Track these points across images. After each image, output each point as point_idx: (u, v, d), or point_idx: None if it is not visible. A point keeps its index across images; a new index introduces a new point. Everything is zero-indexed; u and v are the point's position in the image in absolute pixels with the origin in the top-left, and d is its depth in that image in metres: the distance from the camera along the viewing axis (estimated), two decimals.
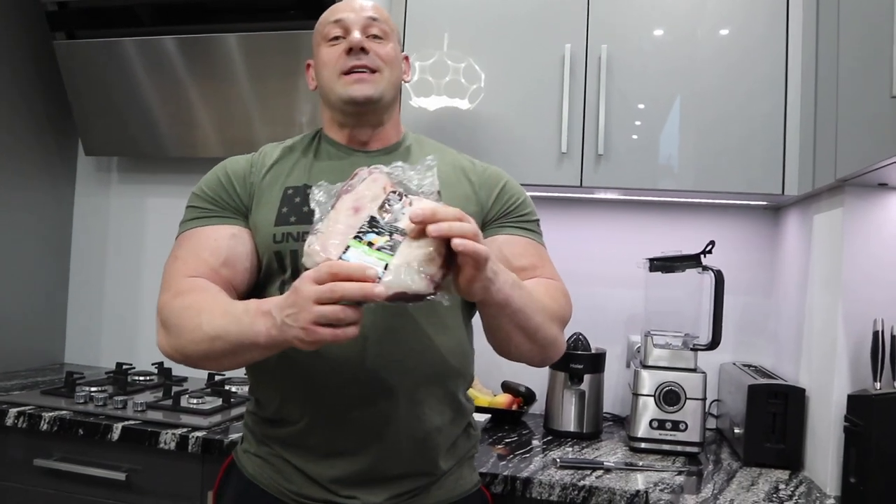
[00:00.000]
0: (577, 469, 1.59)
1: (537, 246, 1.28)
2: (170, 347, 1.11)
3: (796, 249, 1.88)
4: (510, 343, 1.11)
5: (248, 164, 1.26)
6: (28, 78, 2.36)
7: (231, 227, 1.20)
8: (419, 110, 1.95)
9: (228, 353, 1.03)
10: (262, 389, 1.22)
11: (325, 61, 1.23)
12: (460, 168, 1.29)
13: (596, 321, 2.15)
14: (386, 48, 1.24)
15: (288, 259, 1.17)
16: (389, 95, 1.25)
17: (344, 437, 1.15)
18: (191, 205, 1.24)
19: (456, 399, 1.24)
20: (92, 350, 2.57)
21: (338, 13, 1.24)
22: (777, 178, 1.77)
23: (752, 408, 1.71)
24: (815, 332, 1.67)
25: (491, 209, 1.26)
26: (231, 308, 1.04)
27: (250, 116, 2.23)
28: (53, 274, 2.54)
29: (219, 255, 1.16)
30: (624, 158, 1.85)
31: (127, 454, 1.71)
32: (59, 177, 2.54)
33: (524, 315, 1.06)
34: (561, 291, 1.23)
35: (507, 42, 1.92)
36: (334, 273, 0.87)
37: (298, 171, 1.24)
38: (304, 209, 1.17)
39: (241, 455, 1.26)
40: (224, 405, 1.90)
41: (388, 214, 0.93)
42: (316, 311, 0.87)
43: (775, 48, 1.78)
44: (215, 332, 1.02)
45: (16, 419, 1.77)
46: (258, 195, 1.22)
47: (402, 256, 0.89)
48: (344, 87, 1.21)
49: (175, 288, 1.13)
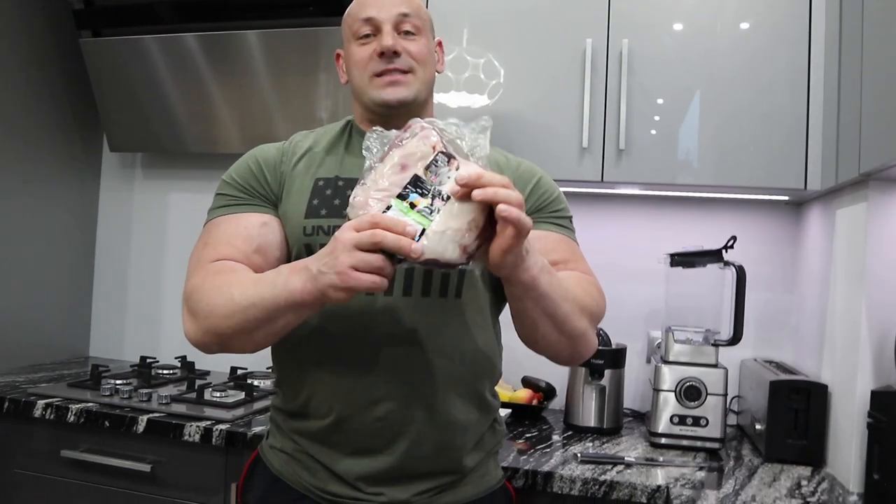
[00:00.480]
0: (597, 464, 1.59)
1: (570, 242, 1.26)
2: (199, 330, 1.08)
3: (819, 245, 1.87)
4: (536, 331, 1.09)
5: (278, 153, 1.25)
6: (55, 75, 2.40)
7: (262, 216, 1.18)
8: (439, 106, 1.95)
9: (262, 321, 1.01)
10: (289, 382, 1.21)
11: (356, 61, 1.21)
12: (494, 162, 1.25)
13: (616, 316, 2.13)
14: (419, 45, 1.21)
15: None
16: (423, 94, 1.23)
17: (371, 435, 1.14)
18: (220, 192, 1.22)
19: (483, 398, 1.23)
20: (116, 344, 2.60)
21: (368, 9, 1.20)
22: (799, 172, 1.76)
23: (774, 404, 1.70)
24: (838, 327, 1.66)
25: (525, 203, 1.23)
26: (263, 276, 1.05)
27: (271, 113, 2.25)
28: (79, 268, 2.58)
29: (251, 243, 1.15)
30: (645, 153, 1.84)
31: (152, 446, 1.74)
32: (84, 172, 2.58)
33: (552, 301, 1.03)
34: (594, 286, 1.21)
35: (527, 37, 1.92)
36: (375, 222, 0.88)
37: (329, 163, 1.23)
38: (335, 202, 1.17)
39: (266, 450, 1.27)
40: (247, 399, 1.92)
41: (433, 176, 0.93)
42: (356, 255, 0.88)
43: (797, 41, 1.76)
44: (248, 300, 1.01)
45: (43, 411, 1.80)
46: (288, 184, 1.21)
47: (441, 223, 0.90)
48: (377, 91, 1.19)
49: (204, 271, 1.11)
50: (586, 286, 1.17)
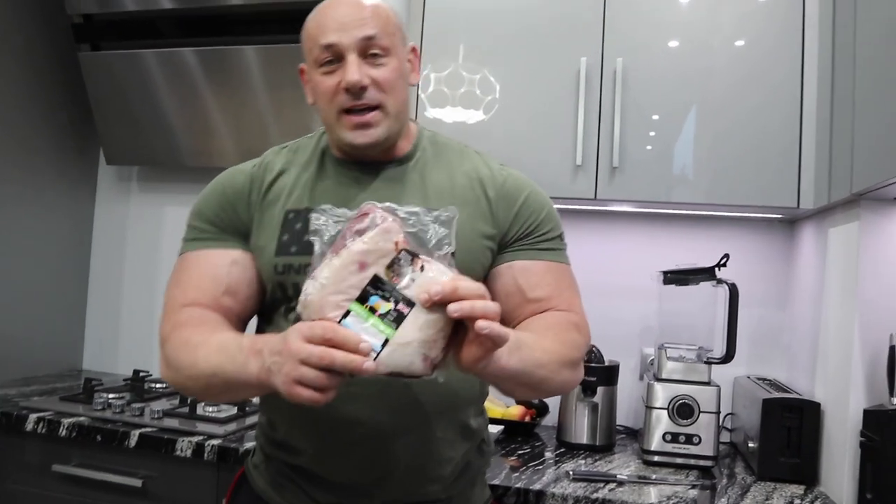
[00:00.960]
0: (589, 482, 1.59)
1: (557, 269, 1.18)
2: (172, 381, 1.09)
3: (811, 263, 1.88)
4: (513, 394, 1.10)
5: (247, 180, 1.18)
6: (53, 88, 2.41)
7: (232, 252, 1.15)
8: (434, 121, 1.96)
9: (226, 390, 1.01)
10: (271, 412, 1.19)
11: (320, 92, 1.13)
12: (478, 180, 1.18)
13: (609, 333, 2.14)
14: (388, 70, 1.11)
15: (291, 290, 1.12)
16: (396, 128, 1.15)
17: (351, 470, 1.12)
18: (191, 224, 1.19)
19: (467, 426, 1.19)
20: (110, 357, 2.59)
21: (328, 34, 1.09)
22: (792, 191, 1.77)
23: (767, 422, 1.70)
24: (831, 345, 1.67)
25: (510, 230, 1.16)
26: (226, 344, 1.00)
27: (267, 127, 2.26)
28: (73, 281, 2.57)
29: (220, 284, 1.12)
30: (639, 171, 1.85)
31: (144, 461, 1.73)
32: (80, 185, 2.58)
33: (525, 374, 0.98)
34: (575, 325, 1.13)
35: (522, 54, 1.93)
36: (328, 339, 0.82)
37: (300, 191, 1.16)
38: (305, 238, 1.07)
39: (251, 469, 1.25)
40: (239, 414, 1.91)
41: (395, 276, 0.86)
42: (300, 371, 0.83)
43: (791, 61, 1.78)
44: (211, 369, 0.99)
45: (35, 425, 1.79)
46: (258, 217, 1.16)
47: (407, 334, 0.84)
48: (346, 132, 1.12)
49: (174, 319, 1.09)
50: (565, 334, 1.10)
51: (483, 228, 1.14)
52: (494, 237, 1.16)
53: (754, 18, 1.81)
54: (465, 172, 1.19)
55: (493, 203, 1.16)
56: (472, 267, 1.10)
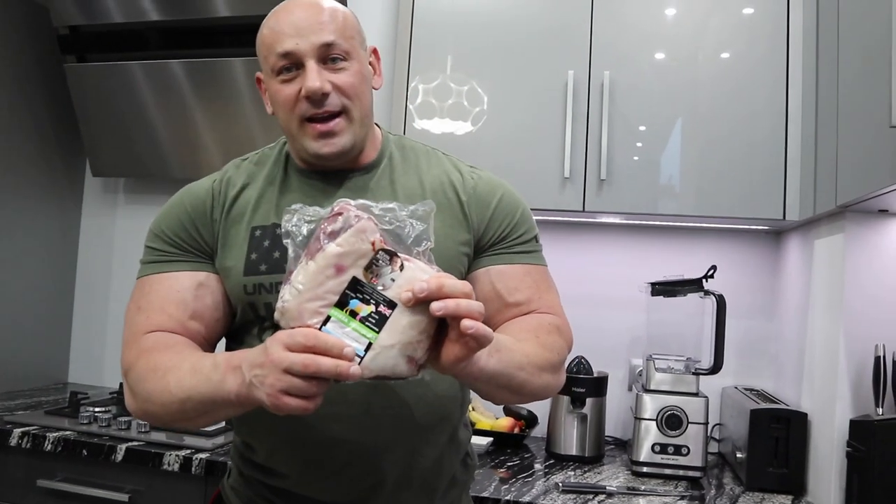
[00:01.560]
0: (579, 493, 1.59)
1: (535, 272, 1.15)
2: (140, 411, 1.03)
3: (798, 274, 1.89)
4: (494, 398, 1.05)
5: (208, 196, 1.12)
6: (39, 100, 2.39)
7: (197, 275, 1.09)
8: (422, 133, 1.97)
9: (201, 413, 0.96)
10: (249, 434, 1.14)
11: (279, 102, 1.07)
12: (450, 184, 1.14)
13: (598, 345, 2.15)
14: (349, 74, 1.06)
15: (263, 310, 1.07)
16: (361, 134, 1.11)
17: (336, 490, 1.09)
18: (150, 245, 1.13)
19: (454, 438, 1.17)
20: (96, 370, 2.57)
21: (284, 41, 1.04)
22: (778, 202, 1.78)
23: (755, 432, 1.71)
24: (817, 356, 1.68)
25: (484, 234, 1.13)
26: (199, 365, 0.95)
27: (254, 138, 2.25)
28: (59, 294, 2.55)
29: (186, 309, 1.06)
30: (626, 183, 1.86)
31: (130, 475, 1.72)
32: (66, 197, 2.57)
33: (505, 376, 0.96)
34: (556, 327, 1.11)
35: (510, 67, 1.94)
36: (310, 346, 0.79)
37: (265, 206, 1.11)
38: (274, 255, 1.07)
39: (228, 491, 1.20)
40: (227, 427, 1.90)
41: (374, 277, 0.83)
42: (285, 380, 0.80)
43: (776, 73, 1.80)
44: (185, 393, 0.94)
45: (19, 439, 1.77)
46: (223, 235, 1.10)
47: (390, 336, 0.82)
48: (310, 142, 1.07)
49: (138, 346, 1.04)
50: (546, 337, 1.08)
51: (458, 234, 1.12)
52: (469, 242, 1.13)
53: (739, 31, 1.83)
54: (436, 176, 1.16)
55: (467, 207, 1.13)
56: (452, 264, 1.09)
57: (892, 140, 1.20)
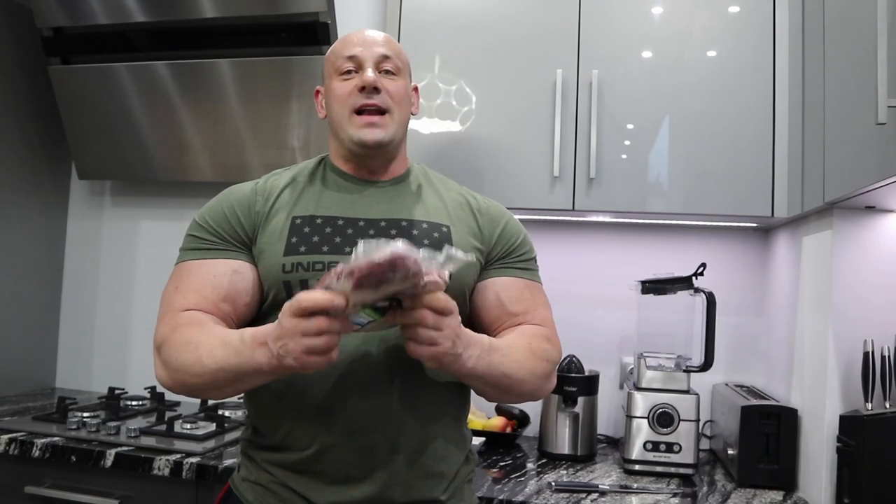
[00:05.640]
0: (571, 492, 1.59)
1: (532, 286, 1.31)
2: (170, 380, 1.12)
3: (786, 271, 1.90)
4: (486, 396, 1.19)
5: (251, 193, 1.26)
6: (23, 102, 2.37)
7: (233, 262, 1.20)
8: (411, 132, 1.96)
9: (231, 382, 1.07)
10: (266, 418, 1.20)
11: (337, 95, 1.25)
12: (466, 203, 1.32)
13: (589, 343, 2.15)
14: (397, 85, 1.26)
15: (298, 289, 1.15)
16: (399, 136, 1.28)
17: (352, 464, 1.14)
18: (192, 233, 1.23)
19: (460, 429, 1.26)
20: (84, 374, 2.55)
21: (351, 48, 1.26)
22: (766, 200, 1.79)
23: (746, 429, 1.72)
24: (806, 352, 1.69)
25: (494, 248, 1.30)
26: (228, 339, 1.07)
27: (242, 141, 2.24)
28: (45, 298, 2.53)
29: (219, 292, 1.17)
30: (615, 182, 1.86)
31: (120, 481, 1.70)
32: (52, 200, 2.55)
33: (495, 377, 1.12)
34: (546, 338, 1.25)
35: (499, 66, 1.94)
36: (308, 308, 0.93)
37: (306, 201, 1.25)
38: (314, 239, 1.19)
39: (239, 483, 1.24)
40: (218, 430, 1.89)
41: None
42: (304, 342, 0.94)
43: (763, 70, 1.80)
44: (217, 364, 1.05)
45: (7, 446, 1.75)
46: (264, 224, 1.22)
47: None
48: (355, 130, 1.23)
49: (173, 322, 1.14)
50: (537, 345, 1.22)
51: (474, 242, 1.27)
52: (482, 251, 1.28)
53: (725, 30, 1.83)
54: (454, 197, 1.33)
55: (480, 223, 1.31)
56: (468, 272, 1.23)
57: (879, 137, 1.21)
